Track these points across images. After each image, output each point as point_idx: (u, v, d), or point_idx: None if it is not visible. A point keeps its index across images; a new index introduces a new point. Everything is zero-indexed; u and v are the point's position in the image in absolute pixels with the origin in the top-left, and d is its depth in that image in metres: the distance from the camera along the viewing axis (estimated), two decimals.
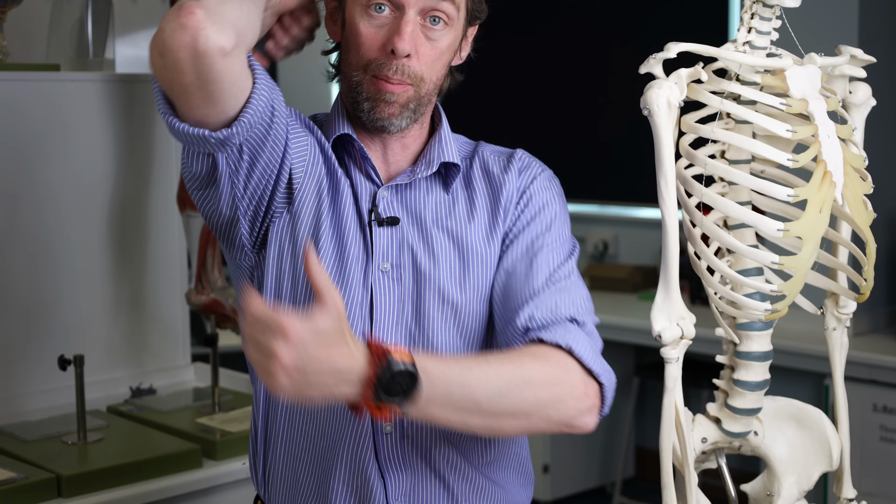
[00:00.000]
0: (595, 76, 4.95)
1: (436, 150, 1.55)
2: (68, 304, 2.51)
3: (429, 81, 1.49)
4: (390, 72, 1.45)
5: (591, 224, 4.98)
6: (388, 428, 1.49)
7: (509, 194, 1.56)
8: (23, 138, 2.45)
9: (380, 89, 1.46)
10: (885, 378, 3.40)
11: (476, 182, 1.58)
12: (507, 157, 1.61)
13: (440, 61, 1.50)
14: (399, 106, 1.47)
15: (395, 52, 1.43)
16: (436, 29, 1.47)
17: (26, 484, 1.98)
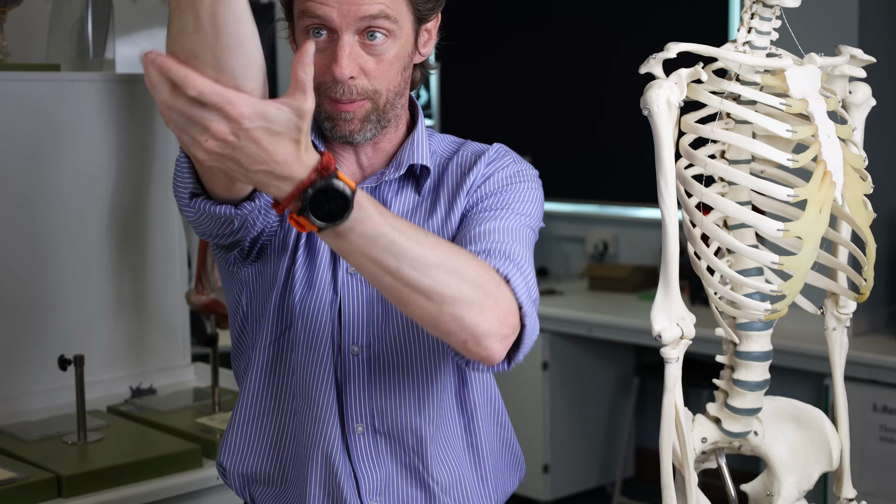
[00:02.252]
0: (595, 76, 4.95)
1: (406, 152, 1.53)
2: (68, 304, 2.51)
3: (385, 91, 1.45)
4: (339, 94, 1.42)
5: (591, 224, 4.98)
6: (359, 428, 1.50)
7: (472, 180, 1.52)
8: (23, 138, 2.45)
9: (335, 109, 1.44)
10: (885, 378, 3.40)
11: (448, 179, 1.55)
12: (483, 150, 1.57)
13: (391, 71, 1.45)
14: (359, 121, 1.45)
15: (335, 80, 1.41)
16: (376, 44, 1.42)
17: (26, 484, 1.98)
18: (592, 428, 4.53)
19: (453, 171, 1.56)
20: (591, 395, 4.53)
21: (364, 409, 1.51)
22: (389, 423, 1.51)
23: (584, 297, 4.51)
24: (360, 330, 1.49)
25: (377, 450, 1.51)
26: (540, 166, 5.84)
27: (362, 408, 1.51)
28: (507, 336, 1.30)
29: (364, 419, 1.50)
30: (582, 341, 4.35)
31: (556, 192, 5.07)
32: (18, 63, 2.53)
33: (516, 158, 1.57)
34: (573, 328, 4.20)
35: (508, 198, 1.49)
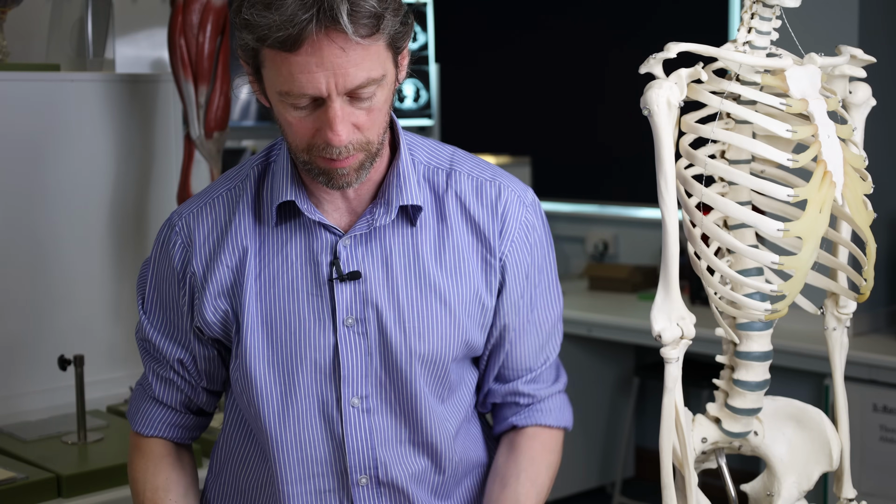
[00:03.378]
0: (595, 76, 4.95)
1: (393, 189, 1.47)
2: (68, 304, 2.51)
3: (377, 137, 1.40)
4: (335, 155, 1.36)
5: (591, 224, 4.98)
6: (363, 480, 1.49)
7: (494, 243, 1.51)
8: (23, 138, 2.45)
9: (329, 167, 1.38)
10: (885, 378, 3.40)
11: (451, 216, 1.51)
12: (487, 190, 1.53)
13: (381, 116, 1.39)
14: (354, 172, 1.39)
15: (331, 145, 1.35)
16: (366, 98, 1.35)
17: (26, 484, 1.98)
18: (592, 428, 4.53)
19: (455, 207, 1.51)
20: (591, 395, 4.53)
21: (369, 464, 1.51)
22: (392, 472, 1.51)
23: (584, 297, 4.51)
24: (360, 382, 1.49)
25: (380, 501, 1.52)
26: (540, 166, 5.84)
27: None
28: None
29: (368, 471, 1.51)
30: (582, 341, 4.35)
31: (556, 192, 5.08)
32: (18, 63, 2.54)
33: (518, 191, 1.56)
34: (573, 328, 4.20)
35: (546, 273, 1.59)
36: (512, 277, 1.52)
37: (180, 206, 1.58)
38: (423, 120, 4.81)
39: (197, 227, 1.50)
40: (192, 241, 1.50)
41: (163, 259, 1.53)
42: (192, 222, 1.51)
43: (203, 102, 2.72)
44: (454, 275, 1.49)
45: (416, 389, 1.49)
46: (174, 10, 2.72)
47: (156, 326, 1.56)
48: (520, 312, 1.55)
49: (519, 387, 1.60)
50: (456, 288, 1.49)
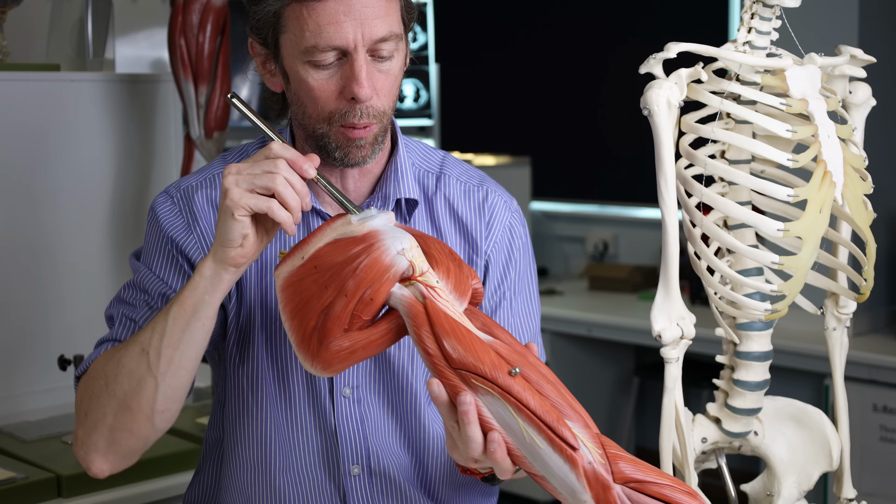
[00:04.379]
0: (595, 76, 4.95)
1: (391, 184, 1.51)
2: (68, 304, 2.51)
3: (389, 111, 1.45)
4: (356, 118, 1.39)
5: (591, 224, 4.98)
6: (355, 470, 1.49)
7: (480, 243, 1.55)
8: (23, 138, 2.45)
9: (349, 137, 1.41)
10: (885, 378, 3.40)
11: (440, 217, 1.55)
12: (474, 193, 1.57)
13: (395, 86, 1.44)
14: (369, 145, 1.43)
15: (357, 100, 1.38)
16: (385, 59, 1.40)
17: (26, 484, 1.98)
18: None
19: (444, 208, 1.55)
20: (591, 396, 4.53)
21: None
22: (384, 463, 1.51)
23: (584, 297, 4.51)
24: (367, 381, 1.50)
25: (373, 493, 1.51)
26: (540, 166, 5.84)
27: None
28: None
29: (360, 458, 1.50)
30: (582, 341, 4.35)
31: (556, 192, 5.08)
32: (18, 63, 2.54)
33: (506, 200, 1.59)
34: (573, 328, 4.20)
35: (526, 280, 1.59)
36: (492, 276, 1.56)
37: (175, 182, 1.56)
38: (423, 120, 4.81)
39: (194, 202, 1.51)
40: (192, 214, 1.50)
41: (158, 227, 1.51)
42: (190, 195, 1.51)
43: (203, 102, 2.72)
44: None
45: (405, 381, 1.50)
46: (174, 10, 2.72)
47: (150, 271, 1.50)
48: (499, 314, 1.56)
49: None
50: None
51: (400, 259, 1.20)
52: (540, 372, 1.19)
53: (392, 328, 1.23)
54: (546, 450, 1.14)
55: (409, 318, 1.21)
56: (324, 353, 1.22)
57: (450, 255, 1.26)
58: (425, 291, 1.20)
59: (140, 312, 1.48)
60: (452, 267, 1.25)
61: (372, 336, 1.22)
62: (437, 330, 1.18)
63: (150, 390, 1.34)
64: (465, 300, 1.24)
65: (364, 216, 1.25)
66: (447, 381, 1.17)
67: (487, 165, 4.75)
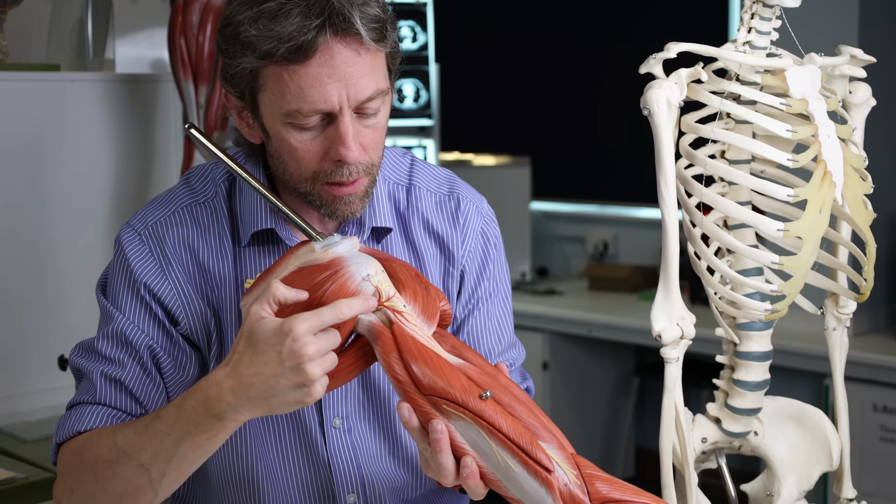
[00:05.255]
0: (595, 76, 4.95)
1: (367, 211, 1.45)
2: (68, 304, 2.51)
3: (378, 159, 1.38)
4: (343, 177, 1.33)
5: (591, 224, 4.98)
6: (351, 498, 1.47)
7: (456, 254, 1.52)
8: (23, 138, 2.45)
9: (336, 195, 1.35)
10: (885, 378, 3.40)
11: (415, 233, 1.51)
12: (446, 204, 1.54)
13: (382, 137, 1.38)
14: (359, 200, 1.37)
15: (344, 162, 1.31)
16: (371, 115, 1.33)
17: (26, 484, 1.98)
18: (592, 428, 4.53)
19: (420, 225, 1.52)
20: (591, 395, 4.53)
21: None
22: (378, 492, 1.49)
23: (584, 297, 4.51)
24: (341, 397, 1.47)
25: None
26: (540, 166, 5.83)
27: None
28: None
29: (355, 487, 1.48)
30: (582, 341, 4.35)
31: (556, 192, 5.07)
32: (18, 63, 2.54)
33: (477, 205, 1.56)
34: (573, 328, 4.20)
35: (500, 281, 1.57)
36: (468, 284, 1.54)
37: (140, 215, 1.46)
38: (423, 120, 4.81)
39: (166, 243, 1.42)
40: (164, 257, 1.42)
41: (127, 267, 1.42)
42: (160, 232, 1.43)
43: (203, 102, 2.72)
44: None
45: (393, 404, 1.48)
46: (174, 10, 2.72)
47: (127, 318, 1.41)
48: (476, 320, 1.54)
49: None
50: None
51: (365, 285, 1.19)
52: (512, 393, 1.19)
53: (362, 355, 1.22)
54: (521, 473, 1.14)
55: (378, 345, 1.20)
56: None
57: (416, 277, 1.24)
58: (392, 316, 1.19)
59: (129, 373, 1.38)
60: (419, 290, 1.23)
61: (342, 364, 1.21)
62: (405, 356, 1.17)
63: (149, 497, 1.29)
64: (433, 323, 1.23)
65: (327, 243, 1.22)
66: (418, 407, 1.17)
67: (487, 165, 4.75)
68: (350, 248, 1.23)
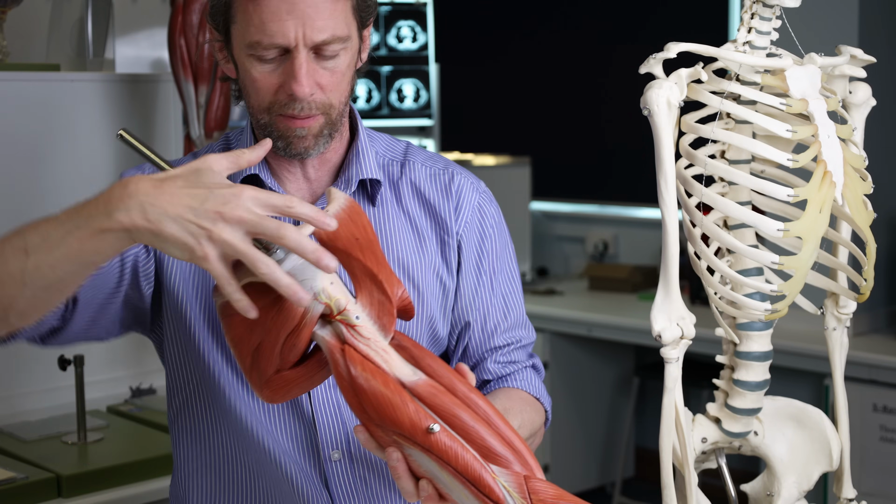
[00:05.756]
0: (595, 76, 4.95)
1: (353, 166, 1.51)
2: None
3: (337, 104, 1.43)
4: (295, 110, 1.39)
5: (591, 224, 4.98)
6: (335, 455, 1.48)
7: (450, 223, 1.55)
8: (23, 138, 2.45)
9: (289, 126, 1.40)
10: (885, 378, 3.40)
11: (406, 196, 1.55)
12: (440, 176, 1.57)
13: (343, 81, 1.43)
14: (313, 137, 1.42)
15: (295, 97, 1.37)
16: (330, 57, 1.39)
17: (26, 484, 1.98)
18: (592, 428, 4.53)
19: (410, 192, 1.55)
20: (591, 395, 4.53)
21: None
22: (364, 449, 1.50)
23: (584, 297, 4.51)
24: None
25: (355, 477, 1.50)
26: (540, 166, 5.83)
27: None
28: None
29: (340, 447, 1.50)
30: (582, 341, 4.35)
31: (556, 192, 5.07)
32: (18, 63, 2.53)
33: (473, 182, 1.58)
34: (573, 328, 4.20)
35: (505, 260, 1.60)
36: (468, 256, 1.56)
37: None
38: (423, 120, 4.81)
39: None
40: None
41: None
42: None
43: (203, 102, 2.72)
44: (416, 252, 1.53)
45: None
46: (174, 10, 2.72)
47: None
48: (480, 294, 1.57)
49: (488, 365, 1.59)
50: (419, 264, 1.53)
51: (315, 305, 1.18)
52: (469, 406, 1.18)
53: (323, 365, 1.22)
54: (473, 502, 1.15)
55: (332, 365, 1.20)
56: (265, 389, 1.22)
57: (371, 276, 1.21)
58: (345, 333, 1.19)
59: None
60: (375, 293, 1.21)
61: (304, 374, 1.22)
62: (356, 386, 1.16)
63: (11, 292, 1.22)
64: (390, 329, 1.21)
65: (274, 259, 1.20)
66: (373, 432, 1.17)
67: (487, 165, 4.75)
68: (295, 264, 1.19)
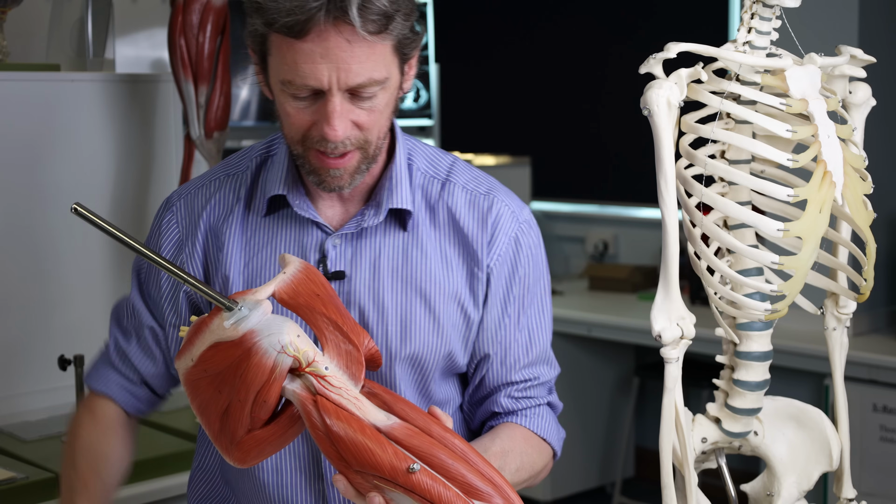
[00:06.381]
0: (595, 76, 4.95)
1: (384, 192, 1.46)
2: (68, 305, 2.51)
3: (375, 140, 1.40)
4: (328, 148, 1.35)
5: (591, 224, 4.98)
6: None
7: (481, 255, 1.50)
8: (23, 138, 2.45)
9: (324, 165, 1.38)
10: (885, 378, 3.40)
11: (440, 226, 1.50)
12: (479, 203, 1.52)
13: (382, 118, 1.39)
14: (349, 175, 1.39)
15: (327, 140, 1.34)
16: (367, 98, 1.35)
17: (26, 484, 1.98)
18: (592, 428, 4.53)
19: (445, 218, 1.50)
20: (591, 395, 4.53)
21: None
22: None
23: (584, 297, 4.51)
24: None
25: None
26: (540, 166, 5.84)
27: None
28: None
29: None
30: (582, 341, 4.35)
31: (556, 192, 5.07)
32: (18, 63, 2.54)
33: (513, 211, 1.54)
34: (573, 328, 4.20)
35: (536, 294, 1.56)
36: (496, 289, 1.51)
37: (180, 186, 1.60)
38: (423, 120, 4.81)
39: (193, 209, 1.52)
40: (187, 222, 1.52)
41: (158, 237, 1.56)
42: (190, 203, 1.53)
43: (203, 102, 2.71)
44: (441, 283, 1.48)
45: (401, 387, 1.48)
46: (174, 10, 2.72)
47: (141, 294, 1.58)
48: (504, 328, 1.53)
49: (500, 398, 1.55)
50: (441, 296, 1.48)
51: (282, 358, 1.17)
52: (445, 445, 1.18)
53: (294, 420, 1.22)
54: None
55: (305, 417, 1.19)
56: (237, 451, 1.22)
57: (336, 328, 1.21)
58: (316, 384, 1.18)
59: (133, 347, 1.59)
60: (341, 343, 1.21)
61: (276, 432, 1.21)
62: (331, 434, 1.16)
63: None
64: (360, 377, 1.21)
65: (236, 318, 1.19)
66: (352, 479, 1.17)
67: (487, 165, 4.75)
68: (261, 318, 1.18)
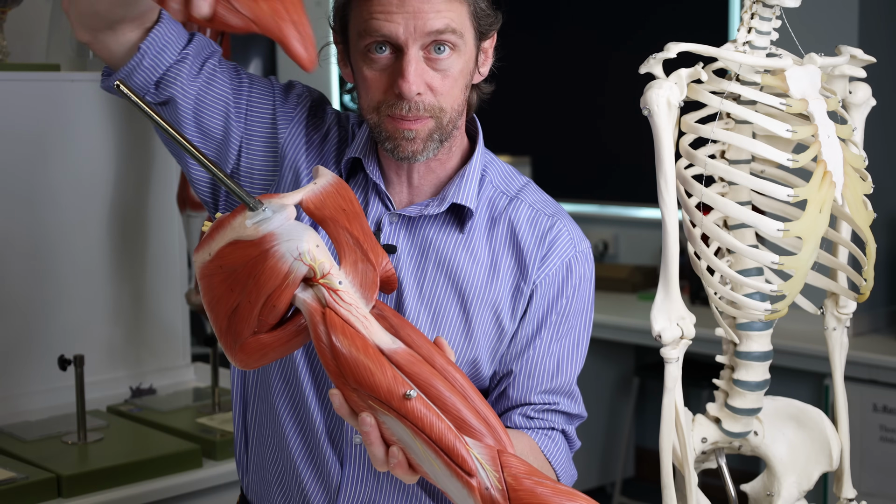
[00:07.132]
0: (595, 76, 4.95)
1: (453, 187, 1.49)
2: (68, 304, 2.51)
3: (449, 110, 1.43)
4: (403, 111, 1.39)
5: (591, 224, 4.98)
6: (357, 440, 1.48)
7: (531, 270, 1.49)
8: (23, 138, 2.45)
9: (398, 128, 1.41)
10: (885, 378, 3.40)
11: (499, 235, 1.51)
12: (541, 222, 1.52)
13: (456, 87, 1.43)
14: (422, 140, 1.42)
15: (402, 96, 1.38)
16: (442, 58, 1.40)
17: (26, 484, 1.98)
18: (592, 428, 4.53)
19: (505, 229, 1.50)
20: (591, 395, 4.52)
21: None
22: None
23: None
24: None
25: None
26: (540, 166, 5.84)
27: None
28: None
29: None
30: None
31: (556, 192, 5.07)
32: (18, 63, 2.53)
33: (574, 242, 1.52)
34: None
35: (575, 326, 1.53)
36: (536, 307, 1.50)
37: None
38: None
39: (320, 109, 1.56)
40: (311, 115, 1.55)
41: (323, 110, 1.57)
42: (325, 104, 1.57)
43: None
44: (481, 289, 1.48)
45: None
46: None
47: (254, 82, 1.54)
48: (534, 348, 1.51)
49: (514, 416, 1.53)
50: (478, 301, 1.48)
51: (298, 265, 1.16)
52: (446, 378, 1.17)
53: (301, 330, 1.21)
54: (444, 472, 1.14)
55: (311, 329, 1.19)
56: (239, 353, 1.21)
57: (356, 244, 1.20)
58: (327, 296, 1.17)
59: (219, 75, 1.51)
60: (359, 261, 1.20)
61: (281, 339, 1.21)
62: (335, 348, 1.16)
63: None
64: (372, 296, 1.20)
65: (259, 219, 1.18)
66: (347, 396, 1.16)
67: None
68: (283, 222, 1.18)
